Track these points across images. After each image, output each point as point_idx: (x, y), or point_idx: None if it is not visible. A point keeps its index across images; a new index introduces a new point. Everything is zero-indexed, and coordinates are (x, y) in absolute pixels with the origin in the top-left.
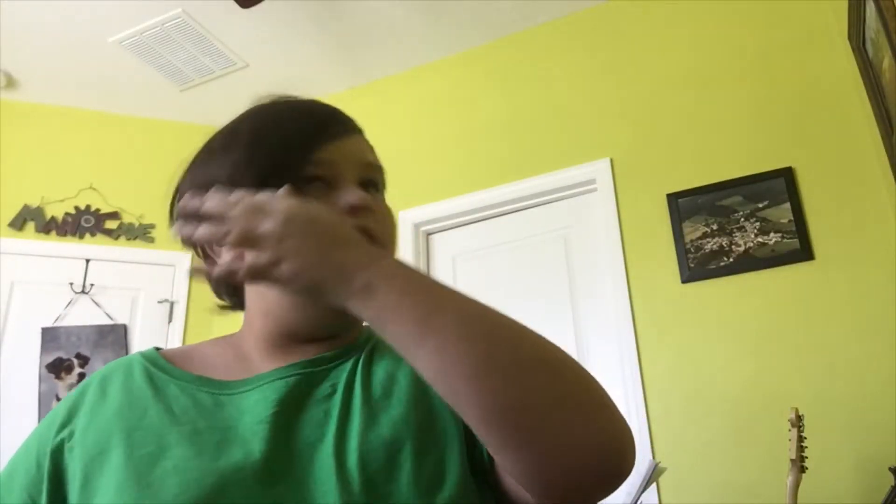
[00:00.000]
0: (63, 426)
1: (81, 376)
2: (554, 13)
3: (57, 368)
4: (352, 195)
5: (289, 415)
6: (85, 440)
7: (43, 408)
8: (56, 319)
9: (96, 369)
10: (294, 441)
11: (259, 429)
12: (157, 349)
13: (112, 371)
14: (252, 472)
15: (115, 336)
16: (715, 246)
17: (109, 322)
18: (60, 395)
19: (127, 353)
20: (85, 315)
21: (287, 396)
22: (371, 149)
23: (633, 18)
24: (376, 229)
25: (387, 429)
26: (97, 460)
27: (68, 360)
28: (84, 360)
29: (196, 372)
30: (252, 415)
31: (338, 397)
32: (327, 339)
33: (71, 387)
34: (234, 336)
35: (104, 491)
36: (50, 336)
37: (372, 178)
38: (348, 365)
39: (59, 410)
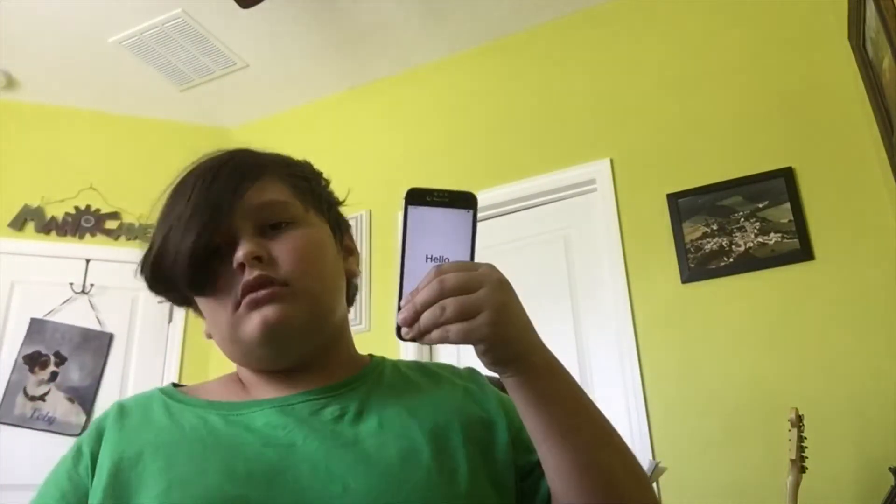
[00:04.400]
0: (95, 451)
1: (53, 375)
2: (554, 13)
3: (33, 361)
4: (238, 253)
5: (295, 433)
6: (112, 455)
7: (7, 398)
8: (48, 313)
9: (71, 372)
10: (301, 454)
11: (265, 449)
12: (175, 385)
13: (130, 404)
14: (260, 482)
15: (98, 343)
16: (715, 246)
17: (97, 328)
18: (29, 390)
19: (105, 363)
20: (77, 315)
21: (293, 417)
22: (277, 183)
23: (633, 18)
24: (277, 275)
25: (399, 445)
26: (129, 470)
27: (46, 356)
28: (61, 360)
29: (208, 399)
30: (259, 434)
31: (348, 418)
32: (317, 371)
33: (41, 383)
34: (234, 373)
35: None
36: (36, 328)
37: (269, 220)
38: (356, 394)
39: (84, 441)
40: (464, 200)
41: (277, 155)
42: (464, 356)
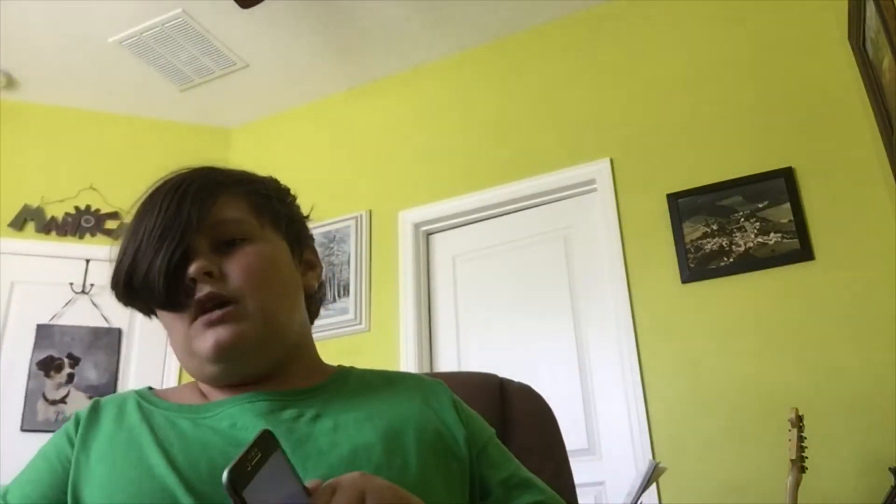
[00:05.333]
0: (73, 440)
1: (70, 377)
2: (554, 13)
3: (47, 366)
4: (190, 268)
5: (254, 431)
6: (79, 456)
7: (28, 405)
8: (53, 317)
9: (86, 371)
10: None
11: (230, 449)
12: (150, 388)
13: (107, 403)
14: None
15: (108, 339)
16: (715, 246)
17: (105, 325)
18: (48, 395)
19: (118, 358)
20: (82, 315)
21: (252, 414)
22: (234, 200)
23: (633, 19)
24: (224, 290)
25: (351, 443)
26: (84, 472)
27: (59, 359)
28: (75, 361)
29: (177, 402)
30: (224, 435)
31: (305, 420)
32: (275, 383)
33: (59, 386)
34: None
35: (91, 493)
36: (44, 333)
37: (224, 237)
38: (316, 401)
39: (69, 426)
40: (267, 444)
41: (240, 172)
42: (463, 357)
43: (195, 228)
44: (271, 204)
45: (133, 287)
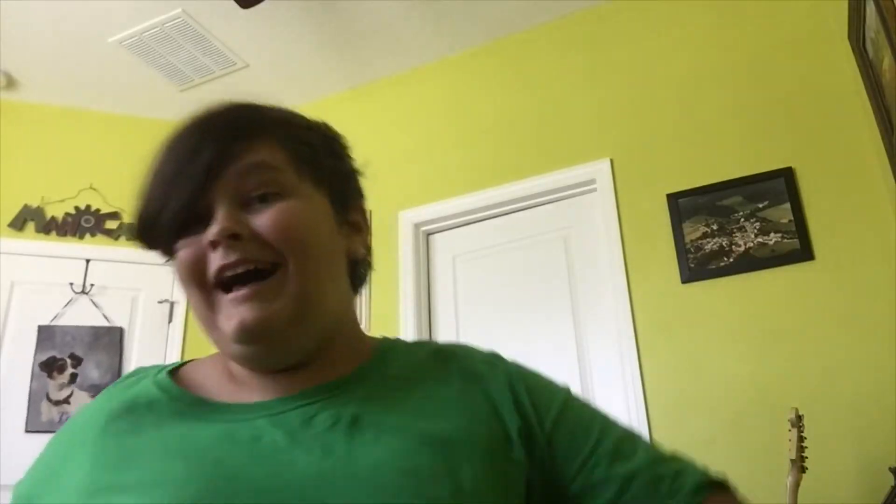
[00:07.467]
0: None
1: (73, 377)
2: (553, 13)
3: (49, 367)
4: (212, 229)
5: (284, 451)
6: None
7: (32, 406)
8: (54, 318)
9: (89, 371)
10: (291, 473)
11: (253, 468)
12: (172, 370)
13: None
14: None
15: (110, 339)
16: (715, 246)
17: (106, 324)
18: (51, 395)
19: (121, 358)
20: (83, 315)
21: (283, 429)
22: (272, 147)
23: (633, 19)
24: (259, 255)
25: (396, 464)
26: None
27: (62, 359)
28: (77, 361)
29: (197, 392)
30: (245, 448)
31: (342, 427)
32: (313, 367)
33: (62, 386)
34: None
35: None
36: (46, 334)
37: (254, 190)
38: (355, 396)
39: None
40: None
41: (283, 112)
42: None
43: (215, 175)
44: (316, 154)
45: (145, 238)
